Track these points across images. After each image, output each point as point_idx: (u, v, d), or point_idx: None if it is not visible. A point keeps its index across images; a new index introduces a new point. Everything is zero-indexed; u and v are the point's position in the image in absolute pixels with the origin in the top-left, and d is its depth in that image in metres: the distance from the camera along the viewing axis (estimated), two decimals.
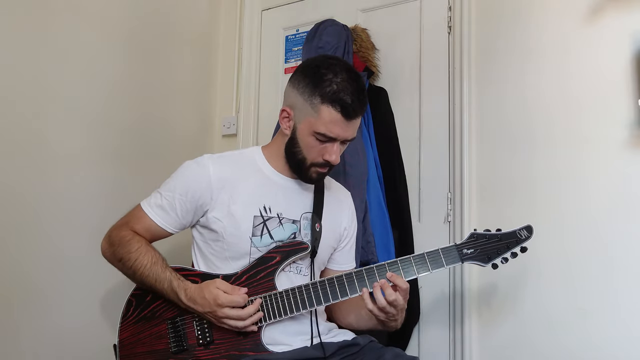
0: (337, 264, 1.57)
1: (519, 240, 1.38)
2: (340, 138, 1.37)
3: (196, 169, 1.43)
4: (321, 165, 1.40)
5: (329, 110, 1.33)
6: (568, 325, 1.75)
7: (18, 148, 1.74)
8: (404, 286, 1.32)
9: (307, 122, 1.36)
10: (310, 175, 1.42)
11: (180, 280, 1.35)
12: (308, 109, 1.35)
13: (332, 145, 1.37)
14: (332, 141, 1.37)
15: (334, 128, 1.34)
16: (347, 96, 1.33)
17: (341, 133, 1.36)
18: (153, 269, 1.36)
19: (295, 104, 1.39)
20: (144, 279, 1.37)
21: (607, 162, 1.75)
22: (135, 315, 1.41)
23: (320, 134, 1.35)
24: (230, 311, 1.30)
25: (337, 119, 1.34)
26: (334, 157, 1.37)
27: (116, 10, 2.08)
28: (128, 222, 1.45)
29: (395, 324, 1.39)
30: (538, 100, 1.88)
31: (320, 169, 1.41)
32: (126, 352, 1.40)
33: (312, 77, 1.36)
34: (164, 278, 1.36)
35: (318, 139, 1.36)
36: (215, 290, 1.31)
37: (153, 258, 1.38)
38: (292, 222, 1.44)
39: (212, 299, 1.30)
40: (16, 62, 1.74)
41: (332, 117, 1.33)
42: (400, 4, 2.22)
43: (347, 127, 1.36)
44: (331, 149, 1.37)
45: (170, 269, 1.38)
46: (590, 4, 1.82)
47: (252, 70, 2.54)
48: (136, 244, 1.40)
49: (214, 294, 1.31)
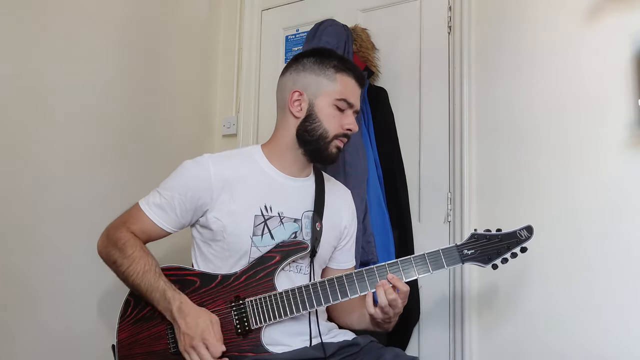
0: (337, 262, 1.57)
1: (519, 240, 1.38)
2: (355, 105, 1.46)
3: (196, 168, 1.42)
4: (342, 136, 1.45)
5: (344, 77, 1.44)
6: (568, 326, 1.75)
7: (18, 148, 1.74)
8: (404, 289, 1.33)
9: (326, 94, 1.43)
10: (331, 150, 1.45)
11: (175, 292, 1.34)
12: (324, 81, 1.44)
13: (350, 113, 1.46)
14: (349, 109, 1.45)
15: (351, 94, 1.45)
16: (353, 66, 1.49)
17: (356, 101, 1.46)
18: (145, 277, 1.35)
19: (306, 84, 1.45)
20: (136, 286, 1.36)
21: (607, 162, 1.74)
22: (134, 316, 1.40)
23: (342, 99, 1.43)
24: (203, 350, 1.27)
25: (353, 85, 1.46)
26: (354, 125, 1.45)
27: (116, 10, 2.08)
28: (126, 221, 1.43)
29: (388, 326, 1.41)
30: (538, 100, 1.88)
31: (340, 142, 1.46)
32: (125, 353, 1.39)
33: (316, 56, 1.48)
34: (156, 287, 1.34)
35: (338, 108, 1.43)
36: (209, 323, 1.29)
37: (146, 265, 1.36)
38: (293, 220, 1.43)
39: (201, 329, 1.28)
40: (16, 63, 1.74)
41: (348, 83, 1.45)
42: (400, 4, 2.22)
43: (359, 95, 1.48)
44: (351, 117, 1.45)
45: (165, 278, 1.36)
46: (590, 4, 1.81)
47: (252, 70, 2.54)
48: (130, 248, 1.38)
49: (205, 327, 1.29)
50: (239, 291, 1.36)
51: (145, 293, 1.35)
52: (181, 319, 1.30)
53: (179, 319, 1.30)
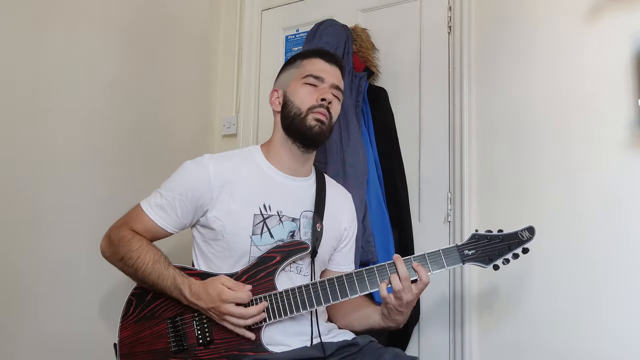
0: (336, 264, 1.57)
1: (520, 241, 1.38)
2: (327, 79, 1.47)
3: (196, 169, 1.43)
4: (317, 108, 1.44)
5: (311, 59, 1.50)
6: (569, 326, 1.74)
7: (18, 148, 1.74)
8: (425, 279, 1.34)
9: (296, 78, 1.49)
10: (309, 124, 1.44)
11: (184, 277, 1.35)
12: (293, 71, 1.51)
13: (325, 87, 1.47)
14: (321, 82, 1.47)
15: (319, 70, 1.48)
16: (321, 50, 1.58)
17: (327, 75, 1.48)
18: (155, 267, 1.36)
19: (280, 81, 1.55)
20: (146, 277, 1.37)
21: (607, 162, 1.74)
22: (136, 315, 1.40)
23: (309, 75, 1.47)
24: (234, 308, 1.29)
25: (320, 63, 1.49)
26: (329, 95, 1.46)
27: (116, 10, 2.08)
28: (128, 221, 1.45)
29: (401, 318, 1.40)
30: (538, 100, 1.88)
31: (317, 114, 1.44)
32: (126, 352, 1.40)
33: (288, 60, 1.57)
34: (167, 275, 1.36)
35: (309, 83, 1.47)
36: (220, 286, 1.31)
37: (155, 256, 1.38)
38: (291, 220, 1.44)
39: (216, 294, 1.30)
40: (15, 63, 1.74)
41: (315, 62, 1.50)
42: (400, 4, 2.22)
43: (331, 70, 1.49)
44: (324, 89, 1.46)
45: (173, 266, 1.38)
46: (590, 4, 1.82)
47: (252, 70, 2.54)
48: (137, 242, 1.40)
49: (218, 290, 1.30)
50: None
51: (156, 281, 1.36)
52: (197, 300, 1.32)
53: (196, 301, 1.32)
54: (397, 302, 1.35)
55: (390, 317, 1.41)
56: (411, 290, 1.33)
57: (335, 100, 1.49)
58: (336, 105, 1.50)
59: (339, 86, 1.51)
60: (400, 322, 1.43)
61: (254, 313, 1.30)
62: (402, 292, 1.33)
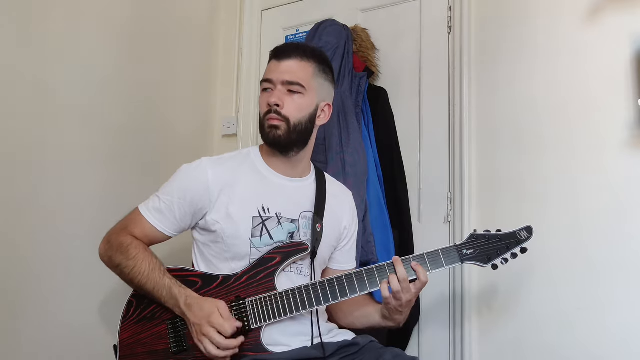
0: (337, 263, 1.57)
1: (519, 241, 1.38)
2: (274, 79, 1.43)
3: (194, 173, 1.43)
4: (267, 113, 1.43)
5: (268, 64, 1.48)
6: (569, 326, 1.74)
7: (17, 148, 1.74)
8: (423, 279, 1.34)
9: None
10: (266, 132, 1.45)
11: (181, 287, 1.35)
12: None
13: (273, 91, 1.44)
14: (271, 84, 1.44)
15: (269, 70, 1.46)
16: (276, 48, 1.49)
17: (276, 75, 1.43)
18: (151, 276, 1.36)
19: None
20: (142, 286, 1.37)
21: (607, 162, 1.74)
22: (136, 316, 1.40)
23: (262, 80, 1.46)
24: (214, 334, 1.27)
25: (271, 63, 1.47)
26: (273, 99, 1.42)
27: (116, 10, 2.08)
28: (127, 226, 1.44)
29: (401, 317, 1.41)
30: (538, 100, 1.88)
31: (269, 120, 1.43)
32: (126, 353, 1.40)
33: None
34: (162, 285, 1.35)
35: (264, 89, 1.46)
36: (214, 308, 1.30)
37: (151, 265, 1.37)
38: (290, 221, 1.44)
39: (206, 314, 1.29)
40: (15, 62, 1.74)
41: (269, 64, 1.48)
42: (400, 4, 2.22)
43: (282, 67, 1.44)
44: (271, 92, 1.44)
45: (169, 275, 1.37)
46: (590, 4, 1.81)
47: (252, 70, 2.54)
48: (134, 250, 1.39)
49: (209, 311, 1.29)
50: (240, 291, 1.36)
51: (152, 292, 1.36)
52: (189, 312, 1.31)
53: (187, 313, 1.31)
54: (397, 303, 1.36)
55: (390, 317, 1.42)
56: (410, 290, 1.34)
57: (287, 98, 1.42)
58: (291, 103, 1.42)
59: (293, 80, 1.42)
60: (401, 322, 1.43)
61: (230, 346, 1.28)
62: (401, 293, 1.33)
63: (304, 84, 1.43)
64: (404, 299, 1.34)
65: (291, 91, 1.43)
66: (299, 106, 1.43)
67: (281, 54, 1.45)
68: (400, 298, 1.34)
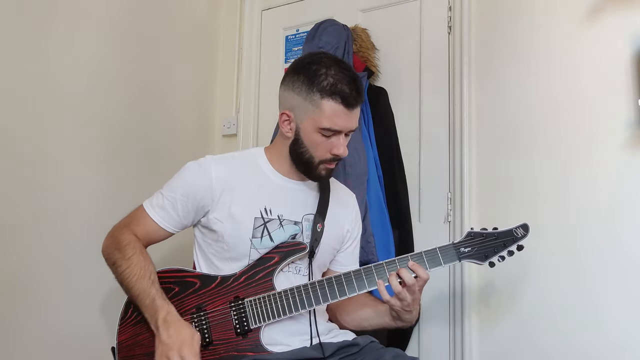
0: (340, 265, 1.56)
1: (515, 238, 1.39)
2: (345, 130, 1.38)
3: (198, 170, 1.43)
4: (329, 161, 1.41)
5: (330, 104, 1.34)
6: (568, 325, 1.75)
7: (17, 148, 1.74)
8: (424, 276, 1.34)
9: (311, 120, 1.36)
10: (319, 173, 1.42)
11: (165, 302, 1.33)
12: (309, 106, 1.36)
13: (338, 138, 1.38)
14: (337, 134, 1.38)
15: (338, 120, 1.35)
16: (345, 86, 1.34)
17: (345, 124, 1.37)
18: (139, 283, 1.34)
19: (294, 105, 1.39)
20: (129, 290, 1.36)
21: (607, 162, 1.74)
22: (134, 318, 1.40)
23: (326, 128, 1.35)
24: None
25: (340, 111, 1.35)
26: (342, 149, 1.38)
27: (116, 10, 2.08)
28: (130, 222, 1.45)
29: (410, 316, 1.39)
30: (538, 100, 1.88)
31: (328, 165, 1.41)
32: (124, 355, 1.39)
33: (306, 74, 1.37)
34: (147, 294, 1.33)
35: (324, 135, 1.37)
36: (190, 339, 1.27)
37: (142, 270, 1.36)
38: (293, 223, 1.43)
39: (180, 341, 1.26)
40: (15, 62, 1.74)
41: (334, 110, 1.34)
42: (400, 4, 2.22)
43: (350, 117, 1.37)
44: (337, 142, 1.38)
45: (158, 287, 1.35)
46: (590, 4, 1.81)
47: (252, 70, 2.55)
48: (130, 251, 1.38)
49: (184, 339, 1.26)
50: (239, 291, 1.36)
51: (136, 298, 1.35)
52: (164, 330, 1.28)
53: (161, 329, 1.28)
54: (402, 303, 1.35)
55: (400, 317, 1.41)
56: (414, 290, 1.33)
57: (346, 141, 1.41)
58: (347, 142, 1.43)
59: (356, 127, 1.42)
60: (412, 320, 1.42)
61: None
62: (404, 293, 1.33)
63: None
64: (408, 299, 1.34)
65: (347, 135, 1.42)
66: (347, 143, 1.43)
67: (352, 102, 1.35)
68: (404, 298, 1.33)
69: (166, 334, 1.28)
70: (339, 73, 1.35)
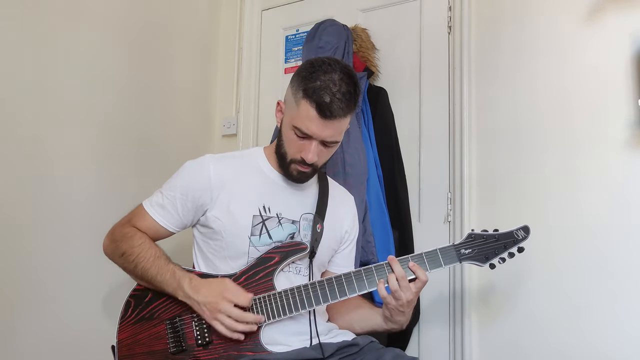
0: (336, 266, 1.57)
1: (516, 240, 1.38)
2: (316, 137, 1.34)
3: (197, 169, 1.44)
4: (299, 163, 1.38)
5: (306, 106, 1.32)
6: (569, 325, 1.75)
7: (18, 148, 1.74)
8: (423, 278, 1.34)
9: (289, 115, 1.37)
10: (291, 172, 1.41)
11: (184, 271, 1.36)
12: (292, 102, 1.36)
13: (310, 143, 1.35)
14: (309, 139, 1.35)
15: (309, 125, 1.32)
16: (328, 95, 1.30)
17: (317, 131, 1.33)
18: (156, 262, 1.37)
19: (286, 98, 1.42)
20: (145, 271, 1.38)
21: (607, 162, 1.74)
22: (134, 316, 1.40)
23: (297, 128, 1.34)
24: (232, 308, 1.29)
25: (313, 116, 1.31)
26: (309, 155, 1.35)
27: (116, 10, 2.08)
28: (130, 220, 1.46)
29: (403, 318, 1.40)
30: (538, 100, 1.88)
31: (300, 167, 1.39)
32: (125, 353, 1.40)
33: (305, 73, 1.35)
34: (166, 269, 1.36)
35: (296, 134, 1.35)
36: (224, 284, 1.32)
37: (157, 252, 1.39)
38: (291, 222, 1.44)
39: (219, 290, 1.30)
40: (16, 63, 1.74)
41: (307, 113, 1.32)
42: (400, 4, 2.22)
43: (324, 127, 1.32)
44: (309, 146, 1.35)
45: (174, 263, 1.39)
46: (590, 4, 1.81)
47: (252, 70, 2.55)
48: (139, 239, 1.41)
49: (220, 288, 1.31)
50: None
51: (154, 276, 1.36)
52: (195, 293, 1.31)
53: (193, 295, 1.32)
54: (397, 302, 1.35)
55: (392, 318, 1.41)
56: (410, 289, 1.34)
57: (323, 151, 1.37)
58: (324, 156, 1.40)
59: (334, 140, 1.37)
60: (403, 323, 1.43)
61: (250, 320, 1.30)
62: (400, 292, 1.33)
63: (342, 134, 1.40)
64: (404, 298, 1.34)
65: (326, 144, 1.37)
66: (326, 158, 1.42)
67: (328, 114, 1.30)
68: (399, 297, 1.33)
69: (201, 295, 1.31)
70: (333, 82, 1.31)
